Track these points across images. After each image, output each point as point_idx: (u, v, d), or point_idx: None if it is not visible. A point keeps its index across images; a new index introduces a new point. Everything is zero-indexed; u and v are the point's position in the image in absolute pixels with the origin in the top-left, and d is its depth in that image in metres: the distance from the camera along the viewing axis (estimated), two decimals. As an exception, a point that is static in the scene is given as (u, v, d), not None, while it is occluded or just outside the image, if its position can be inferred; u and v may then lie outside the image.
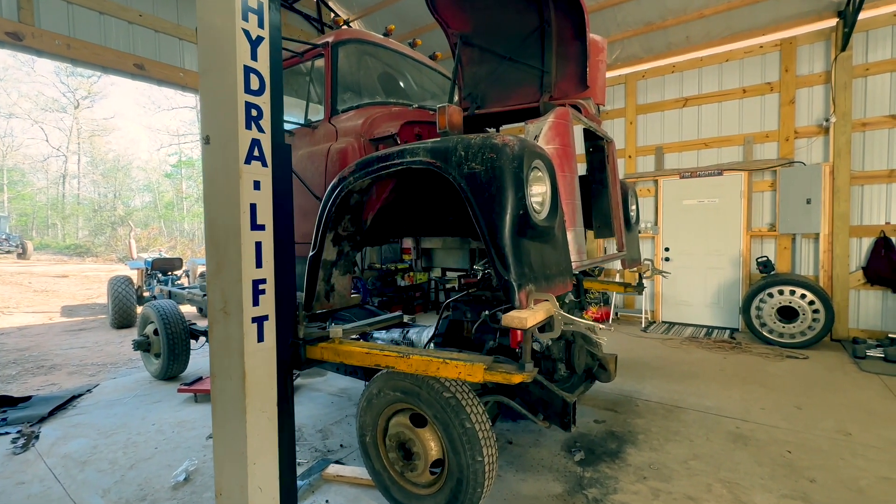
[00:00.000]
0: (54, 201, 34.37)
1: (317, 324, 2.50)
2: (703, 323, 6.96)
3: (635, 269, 3.76)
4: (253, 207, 1.84)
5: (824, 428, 3.41)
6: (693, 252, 6.99)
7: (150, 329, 4.87)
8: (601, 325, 1.92)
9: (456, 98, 3.34)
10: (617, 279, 7.29)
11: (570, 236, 2.29)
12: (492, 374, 1.76)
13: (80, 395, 4.38)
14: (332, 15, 7.53)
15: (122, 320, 7.71)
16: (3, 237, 21.52)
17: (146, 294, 8.14)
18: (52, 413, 3.92)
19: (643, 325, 7.03)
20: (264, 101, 1.86)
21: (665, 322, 7.26)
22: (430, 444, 2.29)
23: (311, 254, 2.31)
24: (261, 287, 1.88)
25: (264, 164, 1.88)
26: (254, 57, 1.82)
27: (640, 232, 7.39)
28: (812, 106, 6.09)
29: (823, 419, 3.56)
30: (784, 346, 5.62)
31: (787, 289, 5.61)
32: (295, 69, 3.56)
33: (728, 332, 6.55)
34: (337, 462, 3.01)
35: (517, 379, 1.72)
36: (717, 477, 2.77)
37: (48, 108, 32.53)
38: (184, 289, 5.87)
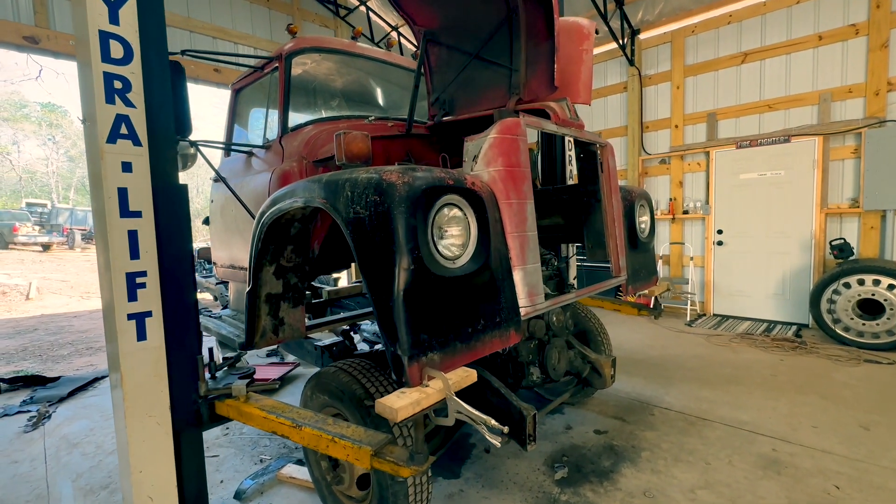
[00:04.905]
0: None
1: (240, 370, 2.31)
2: (764, 317, 5.97)
3: (645, 292, 3.14)
4: (122, 192, 1.65)
5: (895, 458, 2.66)
6: (752, 234, 5.99)
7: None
8: (503, 428, 1.49)
9: (424, 103, 2.94)
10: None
11: (517, 276, 1.85)
12: (379, 463, 1.47)
13: (102, 378, 4.68)
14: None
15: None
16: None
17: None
18: (71, 394, 4.20)
19: (688, 319, 6.20)
20: (132, 72, 1.65)
21: (717, 315, 6.34)
22: (357, 457, 2.03)
23: (247, 290, 2.13)
24: (139, 280, 1.70)
25: (136, 143, 1.68)
26: (114, 20, 1.60)
27: (685, 212, 6.51)
28: (913, 48, 4.85)
29: (897, 446, 2.79)
30: (864, 348, 4.62)
31: (868, 278, 4.57)
32: (260, 85, 3.24)
33: (794, 328, 5.55)
34: (298, 462, 2.85)
35: (405, 473, 1.41)
36: (727, 514, 2.23)
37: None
38: (207, 277, 6.08)
